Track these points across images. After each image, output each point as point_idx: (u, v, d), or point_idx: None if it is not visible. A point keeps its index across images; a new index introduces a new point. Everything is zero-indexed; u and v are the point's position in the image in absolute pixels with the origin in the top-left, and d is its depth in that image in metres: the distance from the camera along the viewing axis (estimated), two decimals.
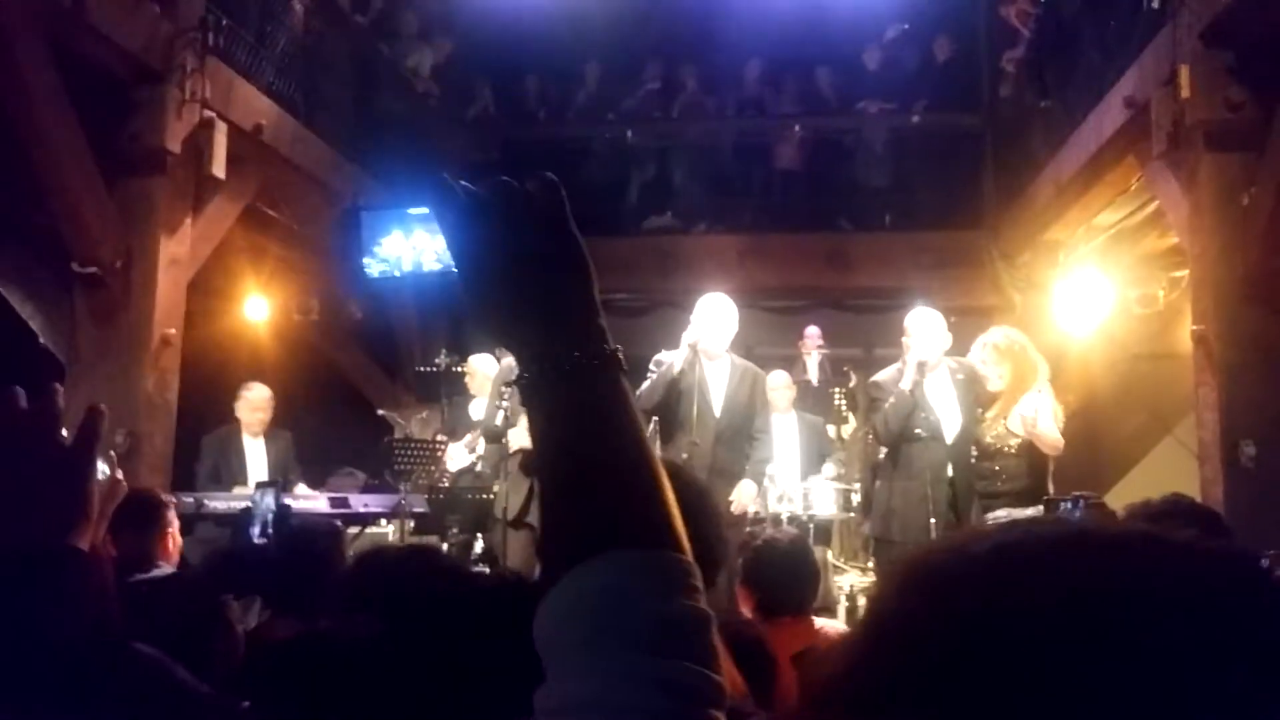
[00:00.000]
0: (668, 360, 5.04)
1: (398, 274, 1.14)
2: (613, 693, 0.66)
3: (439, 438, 7.03)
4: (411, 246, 1.08)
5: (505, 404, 5.36)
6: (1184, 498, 2.52)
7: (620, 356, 0.78)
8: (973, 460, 4.83)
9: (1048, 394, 4.76)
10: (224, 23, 5.88)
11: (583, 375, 0.75)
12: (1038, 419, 4.58)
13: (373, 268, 1.21)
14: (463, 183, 0.81)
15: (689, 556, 0.72)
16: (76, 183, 5.11)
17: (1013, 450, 4.75)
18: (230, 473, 6.05)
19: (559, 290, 0.78)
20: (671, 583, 0.70)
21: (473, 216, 0.80)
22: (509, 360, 6.20)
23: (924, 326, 4.92)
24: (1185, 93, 5.09)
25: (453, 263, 0.81)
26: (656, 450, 4.94)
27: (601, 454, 0.74)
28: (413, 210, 1.10)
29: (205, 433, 6.28)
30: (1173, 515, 2.33)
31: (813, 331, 8.48)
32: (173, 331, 5.56)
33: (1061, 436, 4.67)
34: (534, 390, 0.77)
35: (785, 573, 2.88)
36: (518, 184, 0.81)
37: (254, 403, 6.21)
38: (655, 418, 5.11)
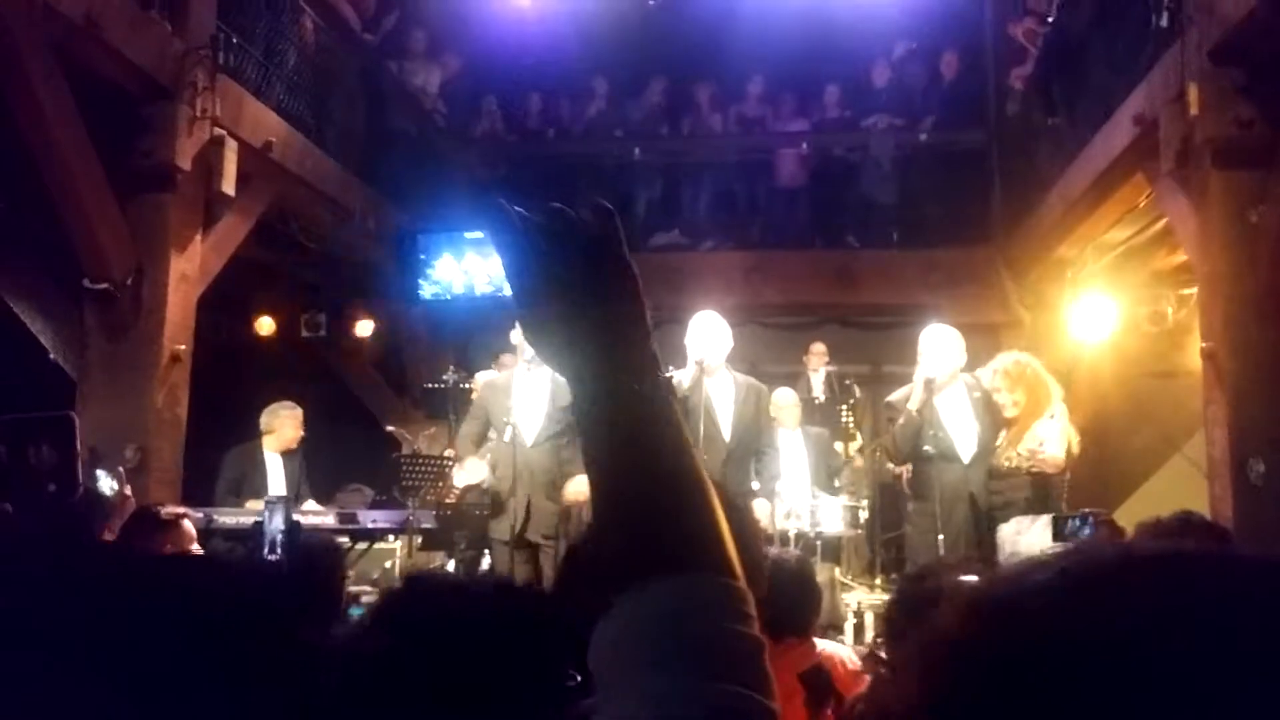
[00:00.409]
0: (675, 378, 5.04)
1: (449, 296, 1.13)
2: (667, 715, 0.67)
3: (446, 454, 7.03)
4: (463, 270, 1.07)
5: (510, 422, 5.35)
6: (1194, 514, 2.51)
7: (673, 383, 0.79)
8: (988, 481, 4.83)
9: (1061, 417, 4.77)
10: (234, 40, 5.92)
11: (637, 401, 0.76)
12: (1043, 447, 4.60)
13: (425, 289, 1.20)
14: (518, 209, 0.83)
15: (742, 581, 0.73)
16: (88, 199, 5.14)
17: (1022, 471, 4.76)
18: (252, 487, 6.07)
19: (613, 317, 0.79)
20: (728, 608, 0.71)
21: (528, 242, 0.81)
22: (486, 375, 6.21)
23: (934, 344, 4.92)
24: (1194, 110, 5.08)
25: (507, 287, 0.83)
26: None
27: (658, 480, 0.75)
28: (467, 235, 1.09)
29: (213, 447, 6.29)
30: (1183, 533, 2.32)
31: (818, 348, 8.47)
32: (182, 347, 5.57)
33: (1066, 457, 4.67)
34: (589, 416, 0.78)
35: (789, 594, 2.87)
36: (572, 210, 0.82)
37: (296, 417, 6.28)
38: None
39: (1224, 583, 0.50)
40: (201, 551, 3.47)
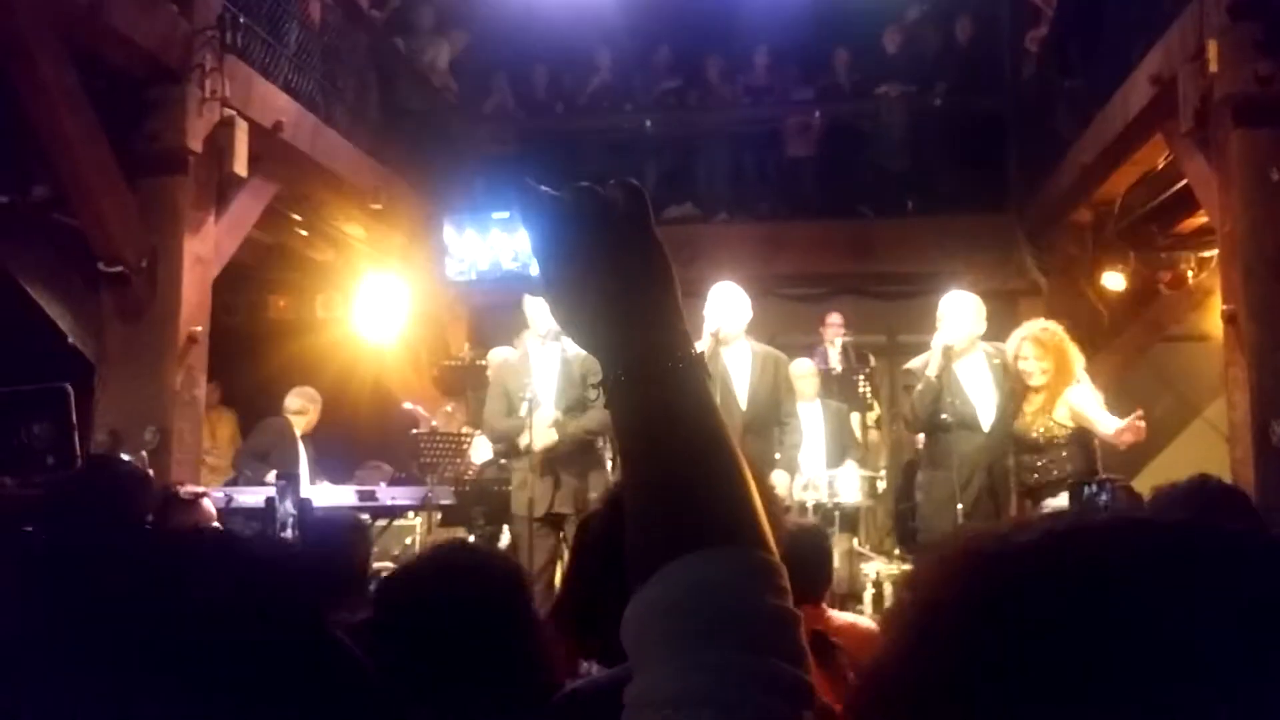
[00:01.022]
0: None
1: (474, 276, 1.13)
2: (707, 688, 0.67)
3: (464, 431, 7.06)
4: (489, 246, 1.07)
5: (528, 397, 5.34)
6: (1210, 478, 2.47)
7: (704, 359, 0.80)
8: (1020, 455, 4.79)
9: (1087, 383, 4.73)
10: (241, 20, 5.90)
11: (670, 379, 0.77)
12: (1087, 410, 4.58)
13: (450, 268, 1.20)
14: (545, 188, 0.83)
15: (776, 555, 0.74)
16: (98, 183, 5.15)
17: (1062, 441, 4.71)
18: (285, 462, 6.14)
19: (643, 295, 0.79)
20: (764, 581, 0.71)
21: (557, 222, 0.81)
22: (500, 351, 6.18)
23: (953, 310, 4.88)
24: (1213, 67, 5.00)
25: (536, 266, 0.83)
26: None
27: (690, 455, 0.75)
28: (494, 215, 1.08)
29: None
30: (1200, 496, 2.29)
31: (834, 319, 8.43)
32: (199, 329, 5.59)
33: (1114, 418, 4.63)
34: (621, 393, 0.78)
35: (794, 563, 2.86)
36: (601, 189, 0.82)
37: (317, 401, 6.34)
38: None
39: (1186, 552, 0.50)
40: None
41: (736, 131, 10.21)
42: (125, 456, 3.69)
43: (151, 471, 4.07)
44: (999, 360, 4.86)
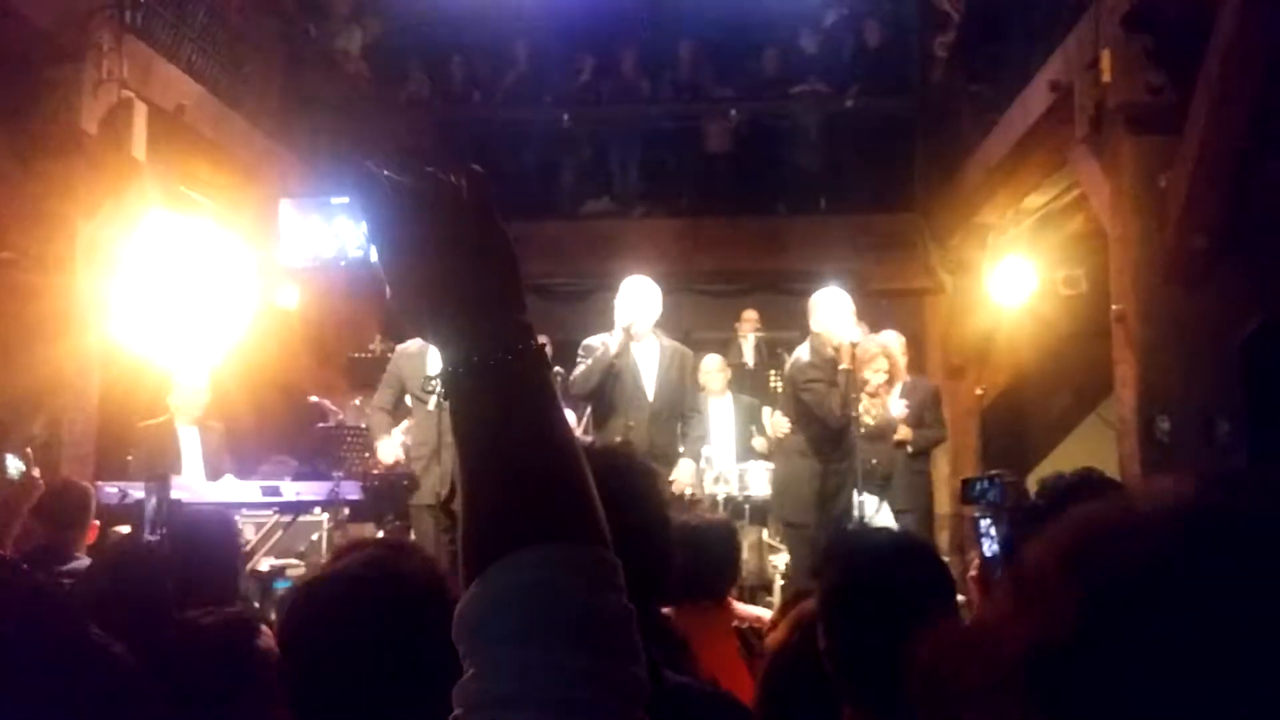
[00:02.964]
0: (598, 345, 5.04)
1: (313, 262, 1.11)
2: (537, 686, 0.66)
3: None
4: (334, 234, 1.05)
5: (434, 389, 5.31)
6: (1094, 471, 2.57)
7: (546, 351, 0.78)
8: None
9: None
10: (142, 0, 5.72)
11: (507, 370, 0.75)
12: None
13: (294, 256, 1.17)
14: (386, 173, 0.80)
15: (611, 552, 0.72)
16: None
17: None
18: (165, 463, 5.93)
19: (484, 284, 0.77)
20: (595, 578, 0.70)
21: (397, 207, 0.78)
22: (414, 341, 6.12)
23: (838, 304, 5.07)
24: (1106, 76, 5.19)
25: (375, 255, 0.80)
26: (589, 437, 4.96)
27: (525, 449, 0.73)
28: (335, 200, 1.06)
29: (130, 421, 6.14)
30: (1084, 489, 2.38)
31: (749, 315, 8.53)
32: (93, 317, 5.41)
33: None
34: (457, 384, 0.76)
35: (701, 558, 2.89)
36: (445, 174, 0.80)
37: (190, 386, 6.13)
38: (587, 405, 5.13)
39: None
40: (97, 525, 3.38)
41: (654, 127, 10.25)
42: (8, 456, 3.54)
43: (37, 473, 3.91)
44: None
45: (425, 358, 5.32)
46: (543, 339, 0.81)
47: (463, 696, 0.68)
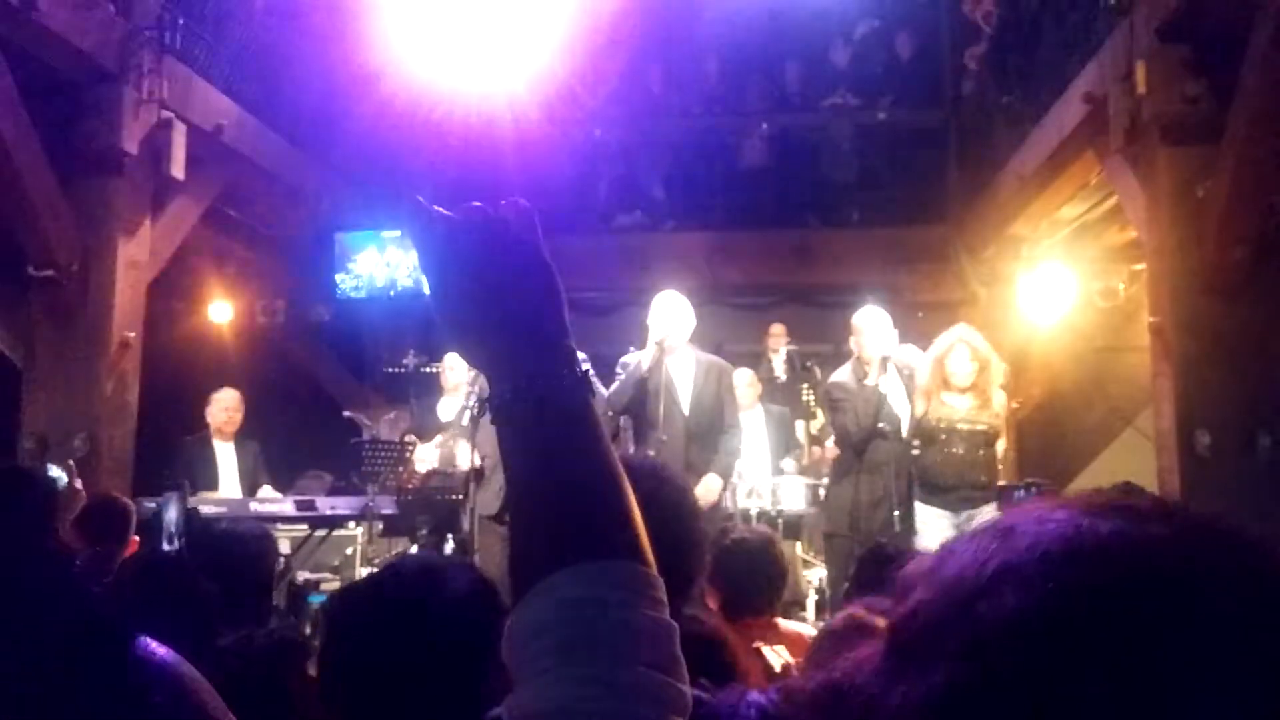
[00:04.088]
0: (634, 361, 5.04)
1: (366, 294, 1.13)
2: (581, 700, 0.68)
3: (407, 438, 6.99)
4: (385, 263, 1.07)
5: (473, 405, 5.34)
6: (1134, 486, 2.53)
7: (590, 378, 0.81)
8: (982, 451, 4.93)
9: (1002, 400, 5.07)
10: (180, 21, 5.82)
11: (553, 398, 0.78)
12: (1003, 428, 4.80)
13: (345, 284, 1.19)
14: (437, 207, 0.83)
15: (653, 568, 0.75)
16: (30, 185, 5.05)
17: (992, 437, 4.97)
18: (204, 479, 6.02)
19: (531, 314, 0.81)
20: (637, 593, 0.72)
21: (447, 241, 0.82)
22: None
23: (875, 324, 4.99)
24: (1142, 87, 5.14)
25: (424, 282, 0.84)
26: (630, 449, 4.95)
27: (569, 472, 0.76)
28: (386, 233, 1.08)
29: (170, 435, 6.23)
30: None
31: (777, 329, 8.50)
32: (132, 334, 5.49)
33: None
34: (506, 411, 0.79)
35: (751, 574, 2.88)
36: (491, 208, 0.83)
37: (224, 403, 6.24)
38: (627, 417, 5.12)
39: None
40: (136, 540, 3.43)
41: (686, 140, 10.27)
42: (51, 465, 3.60)
43: (80, 484, 3.98)
44: (907, 372, 5.02)
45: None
46: (583, 358, 0.83)
47: (511, 711, 0.71)
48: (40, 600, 1.13)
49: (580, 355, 0.82)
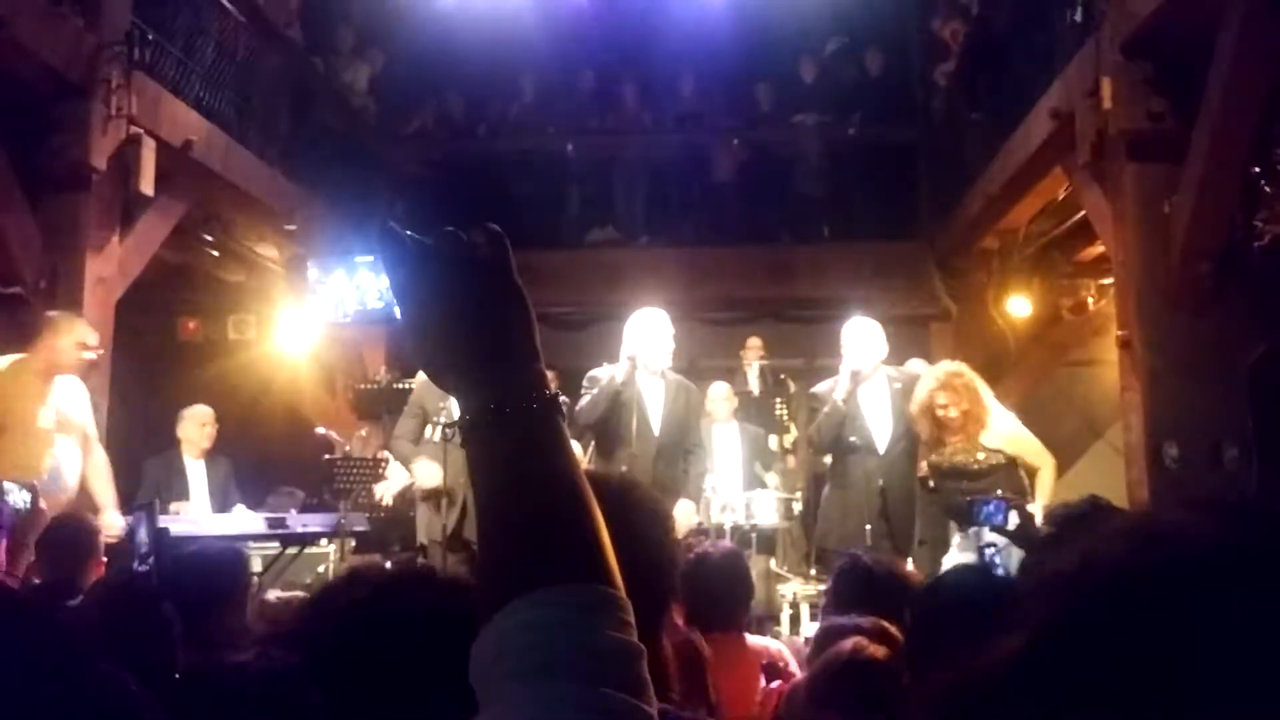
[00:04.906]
0: (605, 375, 5.04)
1: (345, 317, 1.13)
2: None
3: (380, 455, 6.95)
4: (355, 286, 1.08)
5: (443, 421, 5.31)
6: (1100, 499, 2.58)
7: (560, 400, 0.82)
8: (954, 483, 4.86)
9: (1000, 409, 4.89)
10: (150, 37, 5.78)
11: (522, 420, 0.79)
12: (1022, 443, 4.72)
13: (318, 312, 1.19)
14: (409, 232, 0.84)
15: (620, 590, 0.75)
16: None
17: (997, 467, 4.86)
18: (172, 495, 5.96)
19: (500, 337, 0.82)
20: (604, 616, 0.73)
21: (418, 265, 0.83)
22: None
23: (858, 337, 5.00)
24: (1108, 104, 5.21)
25: (396, 307, 0.85)
26: (595, 465, 4.93)
27: (538, 495, 0.77)
28: (358, 259, 1.09)
29: (140, 454, 6.17)
30: (1089, 517, 2.38)
31: (754, 342, 8.53)
32: (100, 351, 5.42)
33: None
34: (475, 433, 0.80)
35: (717, 587, 2.89)
36: (463, 234, 0.84)
37: (199, 418, 6.20)
38: (591, 438, 5.12)
39: None
40: (105, 561, 3.38)
41: (658, 156, 10.31)
42: (10, 485, 3.54)
43: (45, 505, 3.92)
44: (900, 385, 4.99)
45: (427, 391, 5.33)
46: (550, 375, 0.84)
47: None
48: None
49: (549, 376, 0.83)
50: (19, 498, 3.76)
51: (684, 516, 5.01)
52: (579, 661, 0.70)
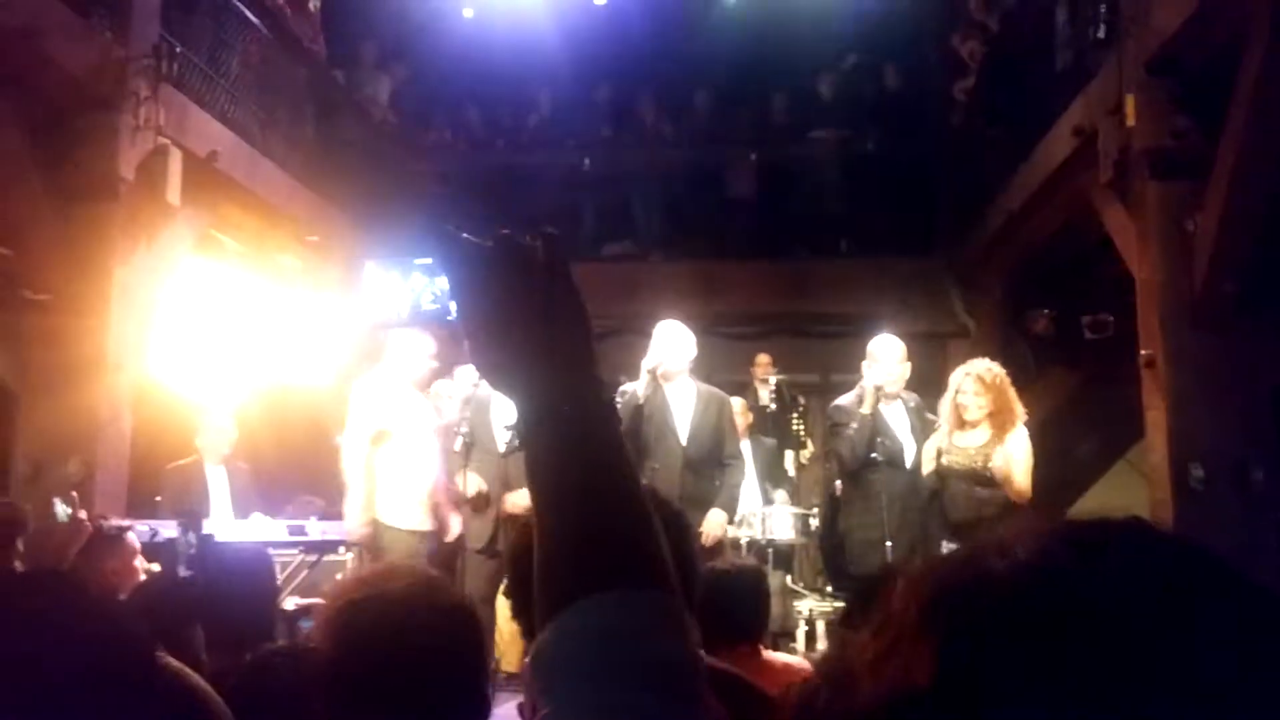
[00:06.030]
0: (629, 389, 5.04)
1: (399, 318, 1.16)
2: None
3: None
4: (409, 289, 1.11)
5: (464, 430, 5.33)
6: (1142, 519, 2.55)
7: (617, 405, 0.82)
8: (966, 488, 4.74)
9: (1024, 436, 4.75)
10: (177, 49, 5.84)
11: (583, 422, 0.79)
12: (1014, 463, 4.59)
13: (381, 313, 1.22)
14: (466, 235, 0.85)
15: (679, 598, 0.76)
16: (25, 210, 5.05)
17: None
18: (193, 502, 5.97)
19: (559, 340, 0.82)
20: (666, 623, 0.73)
21: (478, 268, 0.83)
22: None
23: (885, 352, 4.99)
24: (1131, 121, 5.21)
25: (455, 312, 0.86)
26: None
27: (597, 498, 0.77)
28: (415, 261, 1.12)
29: (160, 462, 6.19)
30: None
31: (763, 359, 8.50)
32: (126, 359, 5.47)
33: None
34: (533, 436, 0.80)
35: (732, 603, 2.88)
36: (520, 237, 0.85)
37: (217, 425, 6.20)
38: None
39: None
40: (145, 565, 3.40)
41: (674, 170, 10.33)
42: (56, 500, 3.56)
43: (84, 515, 3.93)
44: (914, 405, 4.98)
45: (488, 402, 5.32)
46: (624, 382, 0.85)
47: None
48: (66, 620, 1.13)
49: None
50: (62, 510, 3.78)
51: (714, 527, 4.99)
52: (643, 667, 0.70)
